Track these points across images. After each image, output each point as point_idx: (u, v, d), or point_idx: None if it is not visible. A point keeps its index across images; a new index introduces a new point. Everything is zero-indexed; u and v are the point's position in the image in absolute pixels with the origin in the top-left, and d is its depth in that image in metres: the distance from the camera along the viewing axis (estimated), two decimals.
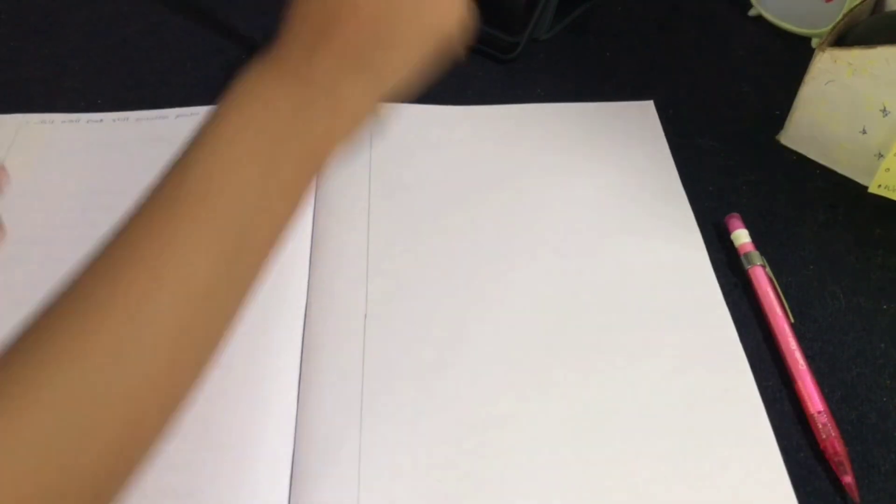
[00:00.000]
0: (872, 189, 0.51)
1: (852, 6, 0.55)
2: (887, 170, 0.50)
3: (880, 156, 0.51)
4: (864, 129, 0.51)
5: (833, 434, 0.40)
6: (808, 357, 0.43)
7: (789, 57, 0.63)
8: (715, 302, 0.46)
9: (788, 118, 0.55)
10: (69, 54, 0.63)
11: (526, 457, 0.39)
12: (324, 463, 0.39)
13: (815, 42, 0.64)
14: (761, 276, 0.46)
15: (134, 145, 0.54)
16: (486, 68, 0.62)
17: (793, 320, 0.45)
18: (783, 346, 0.43)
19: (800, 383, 0.42)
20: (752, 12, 0.66)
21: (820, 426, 0.40)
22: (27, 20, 0.66)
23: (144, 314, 0.27)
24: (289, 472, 0.38)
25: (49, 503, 0.24)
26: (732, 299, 0.46)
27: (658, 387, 0.42)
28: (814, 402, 0.41)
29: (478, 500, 0.38)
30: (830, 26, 0.53)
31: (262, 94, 0.33)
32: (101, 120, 0.56)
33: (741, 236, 0.48)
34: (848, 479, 0.38)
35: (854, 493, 0.38)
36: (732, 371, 0.43)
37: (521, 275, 0.47)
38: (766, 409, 0.41)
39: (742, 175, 0.54)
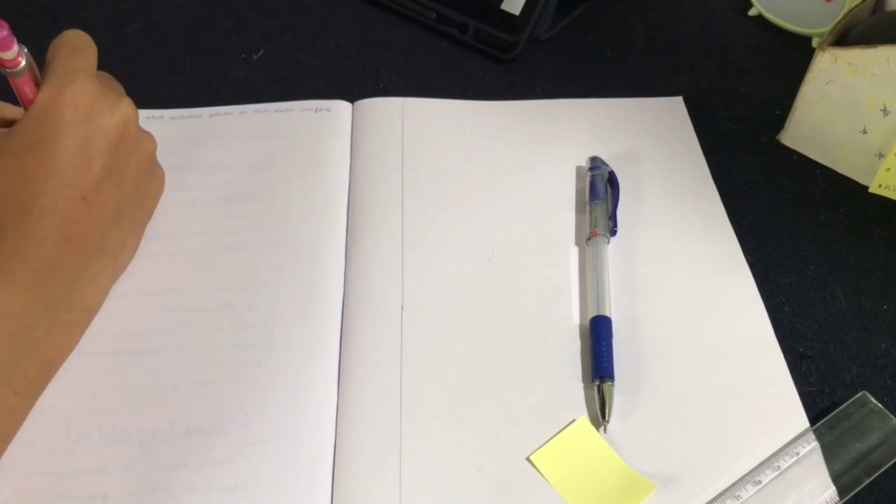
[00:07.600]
0: (873, 189, 0.51)
1: (852, 6, 0.55)
2: (888, 169, 0.50)
3: (880, 155, 0.51)
4: (864, 129, 0.51)
5: None
6: (808, 357, 0.44)
7: (789, 57, 0.63)
8: (750, 296, 0.46)
9: (788, 118, 0.55)
10: None
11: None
12: (365, 454, 0.39)
13: (815, 42, 0.64)
14: None
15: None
16: (486, 68, 0.62)
17: None
18: None
19: None
20: (752, 12, 0.66)
21: None
22: (27, 20, 0.66)
23: None
24: (331, 464, 0.39)
25: None
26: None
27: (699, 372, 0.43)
28: None
29: (519, 487, 0.38)
30: (830, 26, 0.53)
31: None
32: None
33: None
34: None
35: None
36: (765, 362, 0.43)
37: (555, 265, 0.48)
38: None
39: (742, 175, 0.54)
